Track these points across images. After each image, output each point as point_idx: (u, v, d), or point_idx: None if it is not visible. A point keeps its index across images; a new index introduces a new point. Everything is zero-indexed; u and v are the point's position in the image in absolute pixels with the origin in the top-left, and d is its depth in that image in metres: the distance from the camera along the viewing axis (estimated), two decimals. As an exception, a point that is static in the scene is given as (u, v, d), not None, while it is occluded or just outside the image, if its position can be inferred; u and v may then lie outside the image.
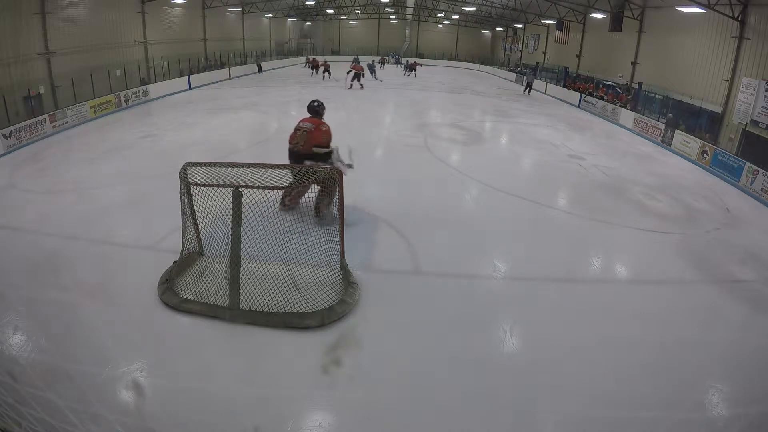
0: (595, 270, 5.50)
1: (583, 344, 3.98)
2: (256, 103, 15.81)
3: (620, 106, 15.92)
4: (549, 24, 25.32)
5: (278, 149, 9.71)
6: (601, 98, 17.30)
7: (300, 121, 5.75)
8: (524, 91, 21.63)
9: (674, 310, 4.64)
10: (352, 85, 19.48)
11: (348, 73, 19.95)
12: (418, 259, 5.25)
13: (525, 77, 22.98)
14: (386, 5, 34.97)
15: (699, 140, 11.17)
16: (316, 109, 5.84)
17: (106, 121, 12.77)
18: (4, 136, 9.41)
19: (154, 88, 16.52)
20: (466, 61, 37.04)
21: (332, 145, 5.72)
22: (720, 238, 6.57)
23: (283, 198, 5.52)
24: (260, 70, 26.67)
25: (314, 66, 25.62)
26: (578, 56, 22.46)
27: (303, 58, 33.08)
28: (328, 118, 6.12)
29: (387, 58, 30.08)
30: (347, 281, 4.46)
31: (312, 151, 5.64)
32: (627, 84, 17.45)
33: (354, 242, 5.32)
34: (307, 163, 5.48)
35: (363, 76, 20.13)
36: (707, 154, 10.63)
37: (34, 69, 13.17)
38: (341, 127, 6.04)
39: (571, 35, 23.64)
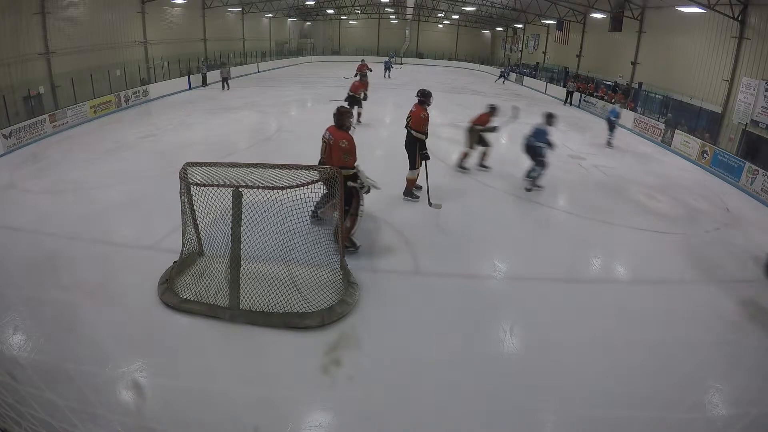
0: (595, 270, 5.51)
1: (583, 344, 3.98)
2: (256, 103, 15.81)
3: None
4: (549, 24, 25.30)
5: (278, 149, 9.81)
6: (601, 98, 17.30)
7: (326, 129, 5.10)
8: (565, 103, 19.51)
9: (674, 310, 4.64)
10: None
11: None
12: (418, 259, 5.25)
13: (566, 88, 19.97)
14: (386, 5, 34.95)
15: (699, 140, 11.17)
16: (336, 117, 5.02)
17: (106, 121, 12.77)
18: (4, 136, 9.41)
19: (154, 88, 16.51)
20: (466, 61, 37.03)
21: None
22: (720, 238, 6.57)
23: (315, 210, 5.32)
24: (204, 82, 19.29)
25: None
26: (578, 56, 22.45)
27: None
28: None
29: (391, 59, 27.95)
30: (347, 281, 4.46)
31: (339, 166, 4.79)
32: (627, 84, 17.44)
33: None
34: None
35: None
36: (707, 154, 10.63)
37: (34, 69, 13.16)
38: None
39: (571, 35, 23.63)
